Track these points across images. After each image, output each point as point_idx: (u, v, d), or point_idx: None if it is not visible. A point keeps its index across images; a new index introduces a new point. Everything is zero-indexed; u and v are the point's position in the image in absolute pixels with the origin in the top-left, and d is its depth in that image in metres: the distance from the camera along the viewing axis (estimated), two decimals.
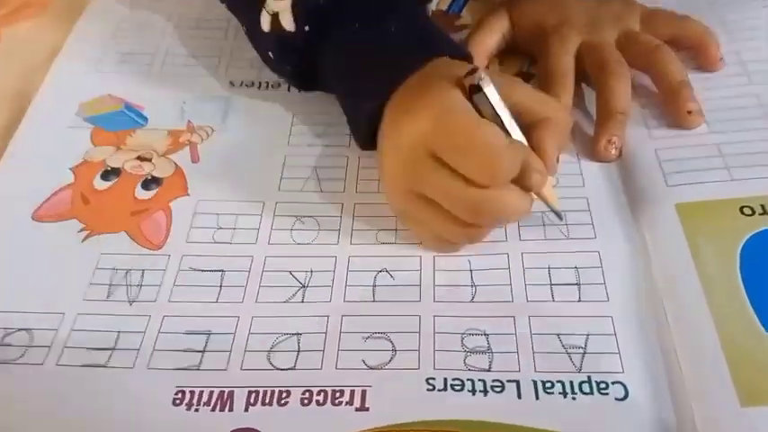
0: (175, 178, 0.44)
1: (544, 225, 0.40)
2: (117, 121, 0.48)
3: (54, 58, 0.52)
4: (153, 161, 0.45)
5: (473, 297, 0.37)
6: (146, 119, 0.48)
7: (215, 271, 0.39)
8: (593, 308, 0.36)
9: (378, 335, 0.36)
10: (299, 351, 0.35)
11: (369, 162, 0.44)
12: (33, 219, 0.42)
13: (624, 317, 0.36)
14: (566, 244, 0.39)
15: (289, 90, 0.49)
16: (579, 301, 0.37)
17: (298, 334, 0.36)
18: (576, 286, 0.37)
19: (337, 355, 0.35)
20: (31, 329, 0.37)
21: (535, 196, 0.36)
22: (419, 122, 0.34)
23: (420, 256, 0.39)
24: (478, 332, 0.36)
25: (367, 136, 0.40)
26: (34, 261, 0.40)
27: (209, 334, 0.36)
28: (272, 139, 0.46)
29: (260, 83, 0.50)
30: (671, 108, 0.43)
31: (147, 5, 0.57)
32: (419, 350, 0.35)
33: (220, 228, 0.41)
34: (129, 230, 0.42)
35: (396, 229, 0.40)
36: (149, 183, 0.44)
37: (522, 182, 0.34)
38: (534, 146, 0.36)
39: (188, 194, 0.43)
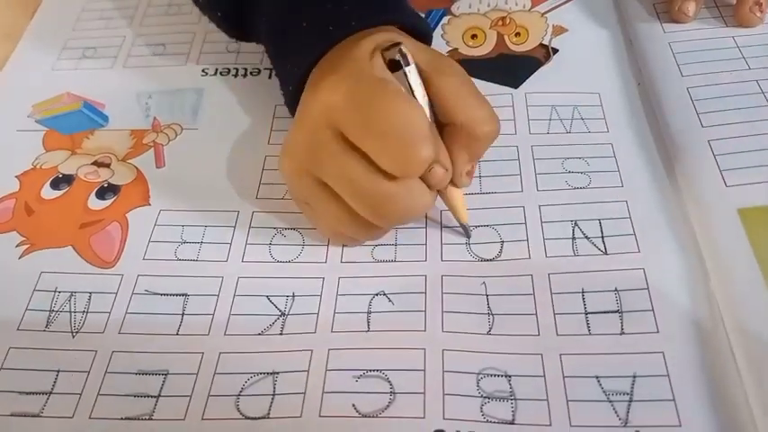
0: (136, 186, 0.38)
1: (573, 238, 0.33)
2: (73, 122, 0.41)
3: (8, 40, 0.46)
4: (111, 167, 0.39)
5: (490, 328, 0.30)
6: (106, 118, 0.41)
7: (176, 295, 0.33)
8: (639, 342, 0.29)
9: (373, 373, 0.29)
10: (274, 395, 0.29)
11: None
12: None
13: (679, 353, 0.29)
14: (602, 261, 0.32)
15: (270, 77, 0.42)
16: (621, 333, 0.30)
17: (274, 373, 0.29)
18: (616, 314, 0.30)
19: (321, 399, 0.29)
20: None
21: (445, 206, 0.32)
22: (327, 94, 0.29)
23: (425, 276, 0.32)
24: (498, 373, 0.29)
25: (294, 103, 0.34)
26: None
27: (165, 374, 0.30)
28: (250, 136, 0.39)
29: (236, 69, 0.43)
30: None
31: None
32: (424, 393, 0.28)
33: (185, 242, 0.35)
34: (77, 245, 0.35)
35: (395, 244, 0.34)
36: (105, 191, 0.37)
37: (423, 175, 0.29)
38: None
39: (149, 204, 0.37)
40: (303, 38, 0.34)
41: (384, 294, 0.32)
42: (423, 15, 0.44)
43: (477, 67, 0.41)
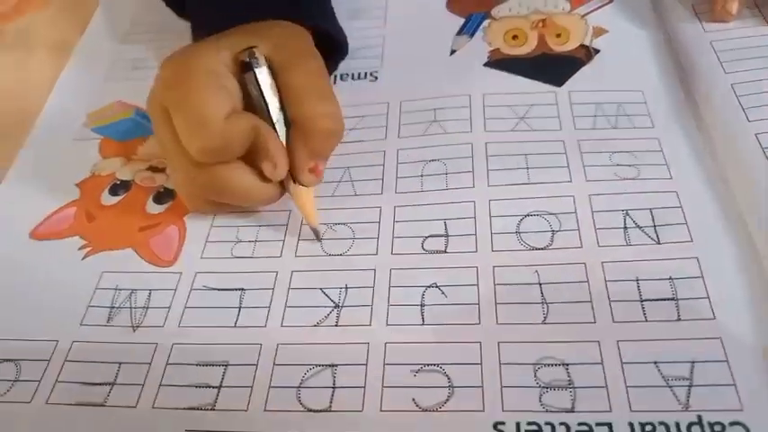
0: None
1: (625, 228, 0.33)
2: (126, 129, 0.43)
3: (59, 52, 0.49)
4: (166, 171, 0.40)
5: (545, 317, 0.30)
6: None
7: (233, 290, 0.33)
8: (696, 328, 0.29)
9: (430, 367, 0.29)
10: (334, 387, 0.29)
11: (407, 156, 0.38)
12: (32, 238, 0.38)
13: (738, 338, 0.28)
14: (655, 250, 0.32)
15: None
16: (678, 320, 0.29)
17: (332, 366, 0.30)
18: (672, 301, 0.30)
19: (381, 393, 0.29)
20: (17, 360, 0.32)
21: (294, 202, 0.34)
22: (165, 69, 0.33)
23: (476, 267, 0.32)
24: (555, 362, 0.29)
25: None
26: (27, 283, 0.35)
27: (226, 365, 0.31)
28: None
29: None
30: None
31: (161, 5, 0.52)
32: (482, 387, 0.28)
33: (240, 241, 0.35)
34: (137, 247, 0.36)
35: (446, 235, 0.34)
36: (162, 196, 0.39)
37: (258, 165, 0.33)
38: (288, 146, 0.33)
39: None
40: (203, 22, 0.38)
41: (436, 286, 0.32)
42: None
43: (520, 66, 0.42)
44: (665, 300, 0.30)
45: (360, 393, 0.29)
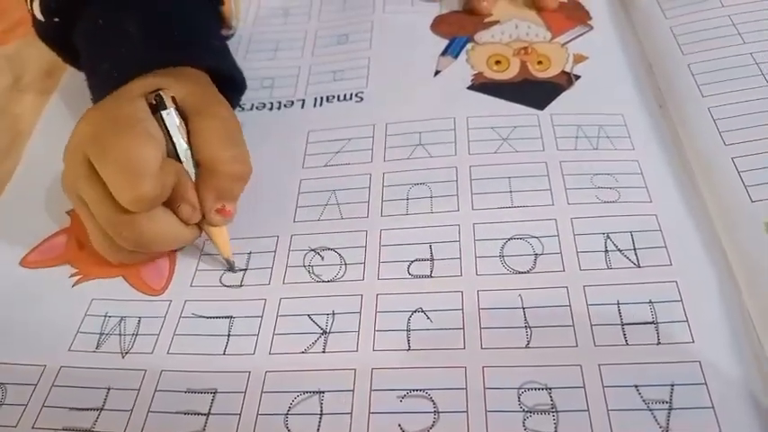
0: None
1: (606, 251, 0.33)
2: None
3: (51, 76, 0.49)
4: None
5: (528, 341, 0.31)
6: None
7: (222, 317, 0.34)
8: (675, 351, 0.30)
9: (416, 393, 0.30)
10: (321, 414, 0.30)
11: (394, 179, 0.38)
12: (22, 265, 0.38)
13: (715, 361, 0.29)
14: (636, 274, 0.33)
15: (303, 107, 0.44)
16: (658, 343, 0.30)
17: (320, 392, 0.30)
18: (652, 325, 0.31)
19: (368, 419, 0.29)
20: (3, 384, 0.32)
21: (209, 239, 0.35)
22: (82, 125, 0.34)
23: (461, 291, 0.33)
24: (539, 386, 0.29)
25: None
26: (15, 308, 0.36)
27: (214, 393, 0.31)
28: (285, 162, 0.41)
29: (271, 103, 0.45)
30: None
31: None
32: (467, 411, 0.29)
33: (229, 269, 0.36)
34: (127, 275, 0.36)
35: (431, 259, 0.34)
36: None
37: (174, 210, 0.33)
38: (196, 188, 0.34)
39: None
40: (102, 78, 0.37)
41: (422, 311, 0.33)
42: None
43: (502, 90, 0.42)
44: (645, 324, 0.31)
45: (347, 420, 0.29)
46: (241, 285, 0.35)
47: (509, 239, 0.35)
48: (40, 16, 0.40)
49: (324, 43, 0.49)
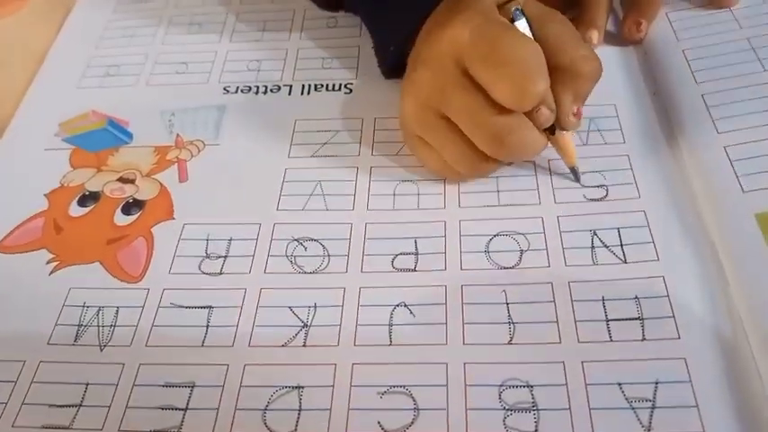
0: (160, 200, 0.38)
1: (593, 247, 0.33)
2: (99, 139, 0.42)
3: (34, 57, 0.48)
4: (136, 182, 0.39)
5: (511, 338, 0.30)
6: (130, 135, 0.42)
7: (201, 307, 0.33)
8: (660, 347, 0.29)
9: (396, 389, 0.29)
10: (300, 410, 0.29)
11: (380, 174, 0.38)
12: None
13: (701, 359, 0.29)
14: (622, 269, 0.32)
15: (290, 93, 0.43)
16: (643, 339, 0.30)
17: (299, 387, 0.30)
18: (638, 321, 0.30)
19: (347, 415, 0.29)
20: None
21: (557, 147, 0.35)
22: (455, 31, 0.32)
23: (445, 286, 0.32)
24: (520, 383, 0.29)
25: (395, 60, 0.39)
26: None
27: (192, 387, 0.30)
28: (271, 150, 0.40)
29: (257, 87, 0.44)
30: None
31: (135, 7, 0.51)
32: (447, 409, 0.28)
33: (209, 256, 0.35)
34: (104, 261, 0.36)
35: (416, 253, 0.34)
36: (130, 207, 0.38)
37: (530, 115, 0.32)
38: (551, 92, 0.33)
39: (173, 218, 0.37)
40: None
41: (405, 305, 0.32)
42: None
43: None
44: (630, 319, 0.30)
45: (326, 416, 0.29)
46: (221, 273, 0.34)
47: (495, 236, 0.34)
48: None
49: (313, 26, 0.48)
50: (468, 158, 0.34)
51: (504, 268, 0.33)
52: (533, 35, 0.33)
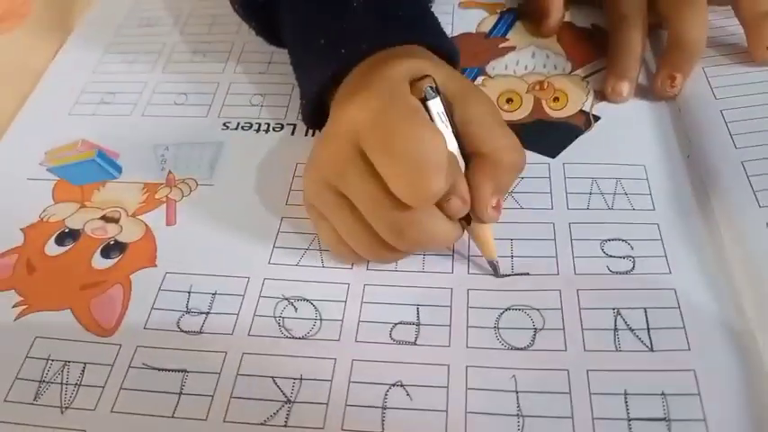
0: (143, 244, 0.35)
1: (615, 329, 0.29)
2: (86, 172, 0.39)
3: (30, 78, 0.46)
4: (120, 222, 0.37)
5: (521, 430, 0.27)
6: (119, 169, 0.39)
7: (175, 371, 0.30)
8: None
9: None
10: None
11: None
12: None
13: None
14: (648, 358, 0.28)
15: (293, 133, 0.40)
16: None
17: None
18: (664, 422, 0.27)
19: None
20: None
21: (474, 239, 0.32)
22: (354, 112, 0.29)
23: (448, 365, 0.29)
24: None
25: (311, 115, 0.36)
26: None
27: None
28: (268, 195, 0.37)
29: (259, 124, 0.41)
30: (749, 41, 0.40)
31: (138, 31, 0.49)
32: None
33: (189, 311, 0.32)
34: (75, 308, 0.33)
35: (417, 324, 0.30)
36: (110, 249, 0.35)
37: (441, 204, 0.29)
38: (468, 181, 0.30)
39: (155, 265, 0.34)
40: (319, 55, 0.34)
41: (401, 386, 0.29)
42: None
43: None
44: (655, 420, 0.27)
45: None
46: (200, 332, 0.31)
47: (506, 310, 0.31)
48: None
49: None
50: (369, 245, 0.30)
51: (515, 349, 0.29)
52: (451, 117, 0.30)
